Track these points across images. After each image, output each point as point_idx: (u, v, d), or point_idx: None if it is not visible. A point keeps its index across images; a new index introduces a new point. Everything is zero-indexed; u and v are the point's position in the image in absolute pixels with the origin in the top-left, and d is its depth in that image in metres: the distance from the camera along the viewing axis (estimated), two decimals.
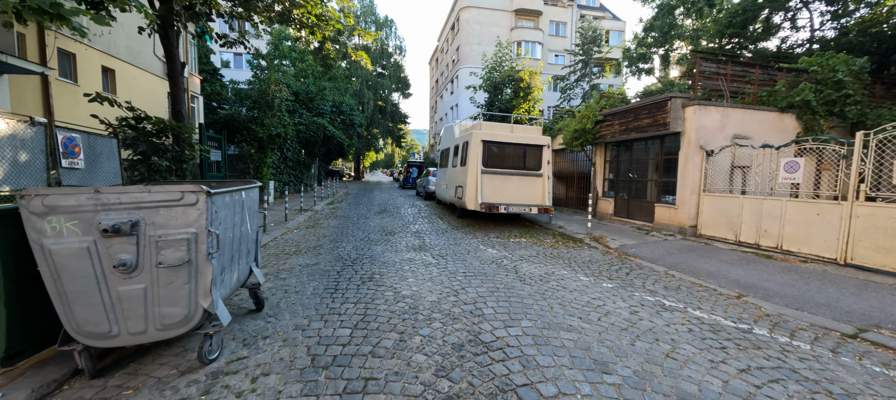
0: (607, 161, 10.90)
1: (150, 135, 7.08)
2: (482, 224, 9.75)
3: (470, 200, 9.09)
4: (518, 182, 9.38)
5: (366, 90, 35.39)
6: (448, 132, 12.65)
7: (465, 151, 9.65)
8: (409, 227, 9.10)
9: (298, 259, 5.75)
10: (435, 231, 8.56)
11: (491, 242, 7.43)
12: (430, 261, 5.81)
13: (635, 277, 5.33)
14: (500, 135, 9.30)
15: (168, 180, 7.19)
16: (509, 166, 9.37)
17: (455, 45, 38.55)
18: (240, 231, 3.23)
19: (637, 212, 9.76)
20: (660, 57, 28.49)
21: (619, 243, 7.54)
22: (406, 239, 7.53)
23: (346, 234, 8.00)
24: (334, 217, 10.63)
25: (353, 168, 45.87)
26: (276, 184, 14.00)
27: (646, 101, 8.61)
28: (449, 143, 12.12)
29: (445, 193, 11.95)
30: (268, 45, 23.85)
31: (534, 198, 9.47)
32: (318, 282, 4.64)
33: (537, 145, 9.49)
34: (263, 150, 12.54)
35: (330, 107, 18.62)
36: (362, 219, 10.32)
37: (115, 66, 13.23)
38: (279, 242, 7.02)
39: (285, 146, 14.69)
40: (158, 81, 15.87)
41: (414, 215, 11.37)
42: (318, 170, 25.01)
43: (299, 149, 16.95)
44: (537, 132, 9.85)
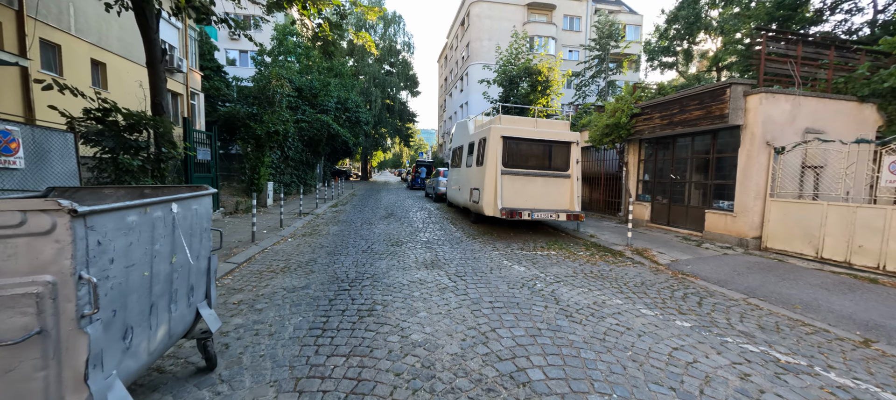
0: (642, 160, 9.65)
1: (121, 130, 6.10)
2: (501, 232, 8.60)
3: (488, 204, 7.96)
4: (543, 184, 8.21)
5: (373, 88, 34.47)
6: (461, 129, 11.52)
7: (481, 149, 8.51)
8: (419, 235, 8.00)
9: (284, 280, 4.69)
10: (448, 241, 7.44)
11: (515, 256, 6.28)
12: (445, 283, 4.70)
13: (711, 308, 4.14)
14: (522, 130, 8.14)
15: (141, 182, 6.21)
16: (533, 166, 8.20)
17: (465, 42, 37.40)
18: (169, 265, 2.16)
19: (680, 219, 8.50)
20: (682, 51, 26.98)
21: (670, 258, 6.32)
22: (415, 251, 6.43)
23: (346, 244, 6.93)
24: (336, 222, 9.60)
25: (361, 168, 45.06)
26: (276, 185, 13.05)
27: (696, 90, 7.36)
28: (462, 140, 11.00)
29: (458, 196, 10.83)
30: (272, 39, 23.04)
31: (561, 202, 8.28)
32: (303, 316, 3.56)
33: (565, 142, 8.31)
34: (261, 148, 11.58)
35: (335, 103, 17.66)
36: (367, 225, 9.26)
37: (106, 60, 12.44)
38: (267, 255, 5.98)
39: (286, 145, 13.73)
40: None
41: (423, 220, 10.28)
42: (324, 170, 24.11)
43: (302, 148, 16.00)
44: (564, 127, 8.66)
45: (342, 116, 18.00)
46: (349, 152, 26.30)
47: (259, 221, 9.11)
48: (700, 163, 8.10)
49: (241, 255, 5.79)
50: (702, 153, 8.02)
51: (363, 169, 43.07)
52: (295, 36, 23.44)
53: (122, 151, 6.06)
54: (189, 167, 7.75)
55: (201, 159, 8.42)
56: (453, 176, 12.08)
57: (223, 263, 5.28)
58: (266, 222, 8.95)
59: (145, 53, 7.32)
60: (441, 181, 15.63)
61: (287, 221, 9.34)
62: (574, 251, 6.82)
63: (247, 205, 10.74)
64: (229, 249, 6.16)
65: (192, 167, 7.83)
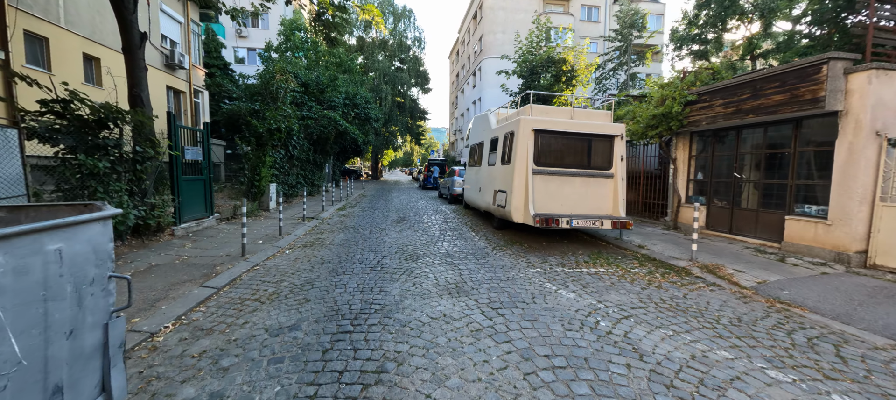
0: (693, 156, 8.31)
1: (84, 125, 5.15)
2: (530, 240, 7.41)
3: (517, 209, 6.77)
4: (582, 186, 6.99)
5: (383, 84, 33.51)
6: (480, 123, 10.34)
7: (508, 145, 7.33)
8: (437, 245, 6.88)
9: (269, 314, 3.62)
10: (472, 253, 6.30)
11: (557, 276, 5.10)
12: (477, 320, 3.56)
13: (863, 364, 2.89)
14: (557, 122, 6.93)
15: (113, 187, 5.25)
16: (570, 164, 6.98)
17: (477, 35, 36.11)
18: None
19: (747, 225, 7.15)
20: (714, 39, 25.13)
21: (753, 278, 5.04)
22: (435, 269, 5.30)
23: (352, 258, 5.85)
24: (342, 229, 8.55)
25: (371, 167, 44.25)
26: (280, 187, 12.10)
27: (777, 70, 6.02)
28: (482, 136, 9.82)
29: (479, 199, 9.66)
30: (279, 35, 22.22)
31: (603, 206, 7.04)
32: (283, 385, 2.47)
33: (606, 136, 7.06)
34: (262, 147, 10.63)
35: (343, 99, 16.67)
36: (377, 232, 8.18)
37: (100, 54, 11.69)
38: (256, 275, 4.94)
39: (290, 143, 12.78)
40: (157, 74, 14.35)
41: (440, 226, 9.15)
42: (333, 169, 23.25)
43: (308, 146, 15.06)
44: (606, 118, 7.40)
45: (351, 113, 17.02)
46: (359, 151, 25.38)
47: (256, 228, 8.13)
48: (775, 158, 6.74)
49: (223, 275, 4.77)
50: (778, 146, 6.65)
51: (374, 168, 42.25)
52: (302, 31, 22.59)
53: (87, 151, 5.11)
54: (175, 169, 6.80)
55: (191, 159, 7.48)
56: (471, 176, 10.92)
57: (199, 289, 4.25)
58: (263, 230, 7.96)
59: (121, 37, 6.37)
60: (456, 181, 14.49)
61: (288, 227, 8.34)
62: (626, 268, 5.59)
63: (249, 208, 9.79)
64: (212, 266, 5.15)
65: (179, 169, 6.89)
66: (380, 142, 35.20)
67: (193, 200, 7.56)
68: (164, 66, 14.78)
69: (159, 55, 14.48)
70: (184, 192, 7.15)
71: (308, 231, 8.24)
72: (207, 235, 7.21)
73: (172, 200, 6.83)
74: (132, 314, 3.53)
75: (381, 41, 36.95)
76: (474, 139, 10.84)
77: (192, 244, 6.40)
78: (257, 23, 30.58)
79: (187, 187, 7.31)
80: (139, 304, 3.77)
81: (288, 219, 9.56)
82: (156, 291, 4.11)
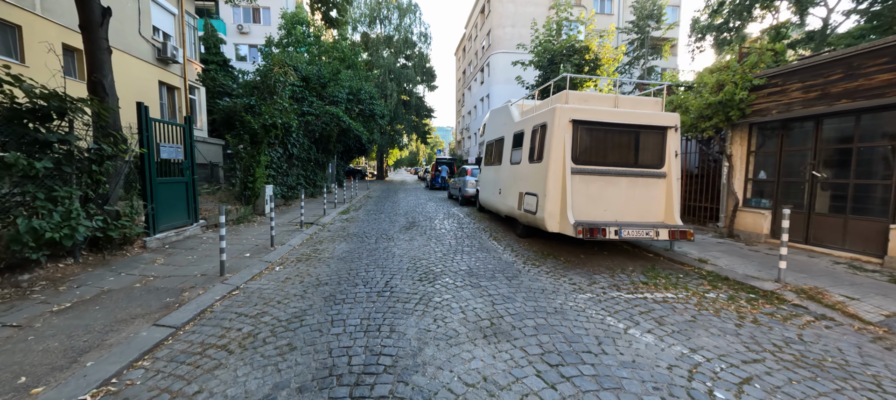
0: (752, 151, 7.10)
1: (18, 114, 4.13)
2: (564, 250, 6.27)
3: (552, 216, 5.64)
4: (629, 187, 5.84)
5: (389, 81, 32.46)
6: (499, 117, 9.21)
7: (539, 140, 6.19)
8: (456, 259, 5.77)
9: (232, 378, 2.54)
10: (500, 270, 5.18)
11: (617, 304, 3.97)
12: (533, 386, 2.45)
13: None
14: (599, 111, 5.78)
15: (59, 192, 4.23)
16: (615, 162, 5.84)
17: (485, 30, 34.92)
18: None
19: (831, 235, 5.93)
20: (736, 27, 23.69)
21: (875, 309, 3.86)
22: (458, 295, 4.20)
23: (354, 278, 4.77)
24: (345, 237, 7.48)
25: (376, 167, 43.28)
26: (277, 188, 11.08)
27: (886, 42, 4.82)
28: (501, 130, 8.69)
29: (498, 201, 8.54)
30: (280, 29, 21.25)
31: (654, 211, 5.89)
32: None
33: (658, 127, 5.91)
34: (257, 145, 9.61)
35: (346, 94, 15.63)
36: (383, 241, 7.10)
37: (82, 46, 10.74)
38: (231, 305, 3.87)
39: (289, 141, 11.75)
40: (147, 68, 13.42)
41: (455, 233, 8.04)
42: (337, 169, 22.26)
43: (309, 145, 14.04)
44: (655, 106, 6.23)
45: (355, 109, 15.97)
46: (364, 150, 24.38)
47: (246, 237, 7.09)
48: (871, 154, 5.53)
49: (189, 305, 3.70)
50: (875, 139, 5.45)
51: (379, 168, 41.25)
52: (304, 25, 21.59)
53: (24, 147, 4.09)
54: (148, 170, 5.77)
55: (170, 158, 6.45)
56: (489, 176, 9.79)
57: (150, 329, 3.19)
58: (253, 239, 6.91)
59: (78, 12, 5.35)
60: (469, 181, 13.37)
61: (282, 235, 7.29)
62: (698, 291, 4.44)
63: (242, 213, 8.78)
64: (179, 292, 4.10)
65: (152, 170, 5.85)
66: (385, 141, 34.19)
67: (172, 205, 6.53)
68: (156, 59, 13.85)
69: (150, 48, 13.54)
70: (159, 196, 6.12)
71: (305, 240, 7.18)
72: (187, 246, 6.17)
73: (144, 207, 5.80)
74: (39, 377, 2.47)
75: (385, 37, 35.93)
76: (491, 135, 9.71)
77: (165, 259, 5.36)
78: (259, 18, 29.72)
79: (164, 191, 6.28)
80: (56, 358, 2.71)
81: (284, 225, 8.52)
82: (90, 335, 3.06)
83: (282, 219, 9.38)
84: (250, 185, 9.24)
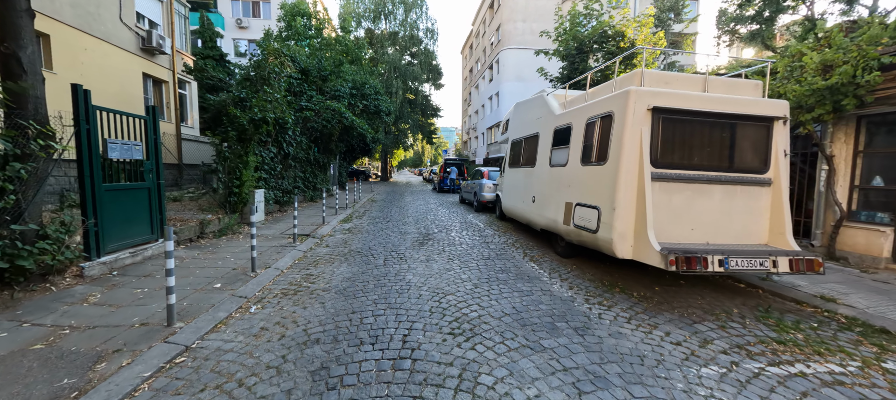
0: (860, 151, 5.61)
1: None
2: (629, 278, 4.83)
3: (623, 237, 4.20)
4: (724, 198, 4.39)
5: (394, 79, 31.11)
6: (529, 110, 7.78)
7: (598, 136, 4.76)
8: (493, 294, 4.34)
9: None
10: (561, 314, 3.74)
11: (765, 384, 2.52)
12: None
13: None
14: (686, 96, 4.33)
15: None
16: (705, 165, 4.39)
17: (495, 26, 33.50)
18: None
19: None
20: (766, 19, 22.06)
21: None
22: (517, 366, 2.76)
23: (357, 333, 3.34)
24: (345, 256, 6.07)
25: (381, 168, 41.94)
26: (270, 193, 9.69)
27: None
28: (534, 126, 7.26)
29: (531, 212, 7.10)
30: (279, 20, 19.92)
31: (757, 231, 4.44)
32: None
33: (762, 118, 4.46)
34: (245, 143, 8.24)
35: (350, 88, 14.25)
36: (394, 262, 5.67)
37: (50, 30, 9.42)
38: (166, 389, 2.46)
39: (284, 139, 10.38)
40: (129, 58, 12.09)
41: (480, 250, 6.61)
42: (339, 171, 20.92)
43: (308, 143, 12.67)
44: (754, 91, 4.76)
45: (358, 105, 14.58)
46: (368, 150, 23.01)
47: (224, 255, 5.69)
48: None
49: (95, 394, 2.30)
50: None
51: (383, 169, 39.90)
52: (305, 17, 20.24)
53: None
54: (89, 173, 4.39)
55: (125, 158, 5.07)
56: (515, 180, 8.35)
57: None
58: (231, 260, 5.51)
59: None
60: (485, 185, 11.94)
61: (269, 253, 5.89)
62: (860, 355, 2.98)
63: (226, 223, 7.41)
64: (94, 360, 2.70)
65: (96, 173, 4.48)
66: (389, 140, 32.85)
67: (127, 218, 5.15)
68: (140, 49, 12.52)
69: (133, 36, 12.22)
70: (108, 208, 4.74)
71: (297, 261, 5.77)
72: (142, 272, 4.78)
73: (83, 222, 4.42)
74: None
75: (390, 33, 34.58)
76: (518, 132, 8.27)
77: (104, 295, 3.97)
78: (258, 12, 28.46)
79: (115, 201, 4.90)
80: None
81: (274, 237, 7.13)
82: None
83: (273, 229, 8.00)
84: (236, 189, 7.86)
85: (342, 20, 23.88)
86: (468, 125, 47.08)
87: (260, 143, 9.66)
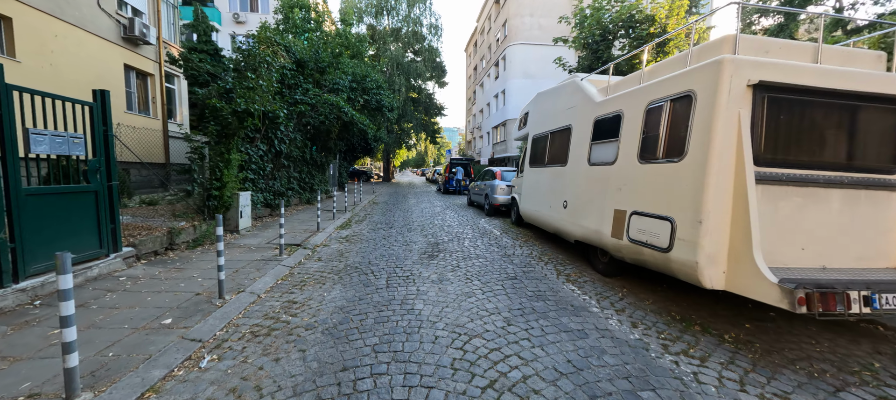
0: None
1: None
2: (703, 308, 3.71)
3: (714, 260, 3.09)
4: (843, 206, 3.27)
5: (396, 76, 30.04)
6: (555, 100, 6.68)
7: (668, 123, 3.65)
8: (534, 336, 3.23)
9: None
10: (636, 372, 2.64)
11: None
12: None
13: None
14: (800, 69, 3.20)
15: None
16: (819, 162, 3.26)
17: (501, 21, 32.41)
18: None
19: None
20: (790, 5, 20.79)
21: None
22: None
23: None
24: (339, 275, 4.97)
25: (383, 168, 40.87)
26: (259, 196, 8.62)
27: None
28: (564, 118, 6.16)
29: (561, 219, 5.98)
30: (276, 12, 18.87)
31: (888, 252, 3.29)
32: None
33: (889, 98, 3.31)
34: (228, 138, 7.18)
35: (349, 81, 13.18)
36: (399, 283, 4.57)
37: (11, 13, 8.40)
38: None
39: (275, 134, 9.32)
40: (108, 48, 11.06)
41: (503, 267, 5.50)
42: (339, 171, 19.86)
43: (304, 141, 11.62)
44: (876, 62, 3.63)
45: (359, 99, 13.51)
46: (369, 149, 21.97)
47: (191, 272, 4.58)
48: None
49: None
50: None
51: (385, 169, 38.84)
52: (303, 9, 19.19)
53: None
54: (4, 174, 3.33)
55: (58, 154, 4.01)
56: (538, 181, 7.25)
57: None
58: (200, 279, 4.41)
59: None
60: (498, 187, 10.84)
61: (248, 270, 4.80)
62: None
63: (202, 232, 6.35)
64: None
65: (13, 174, 3.42)
66: (392, 140, 31.78)
67: (66, 230, 4.08)
68: (122, 38, 11.51)
69: (114, 24, 11.20)
70: (31, 218, 3.67)
71: (279, 280, 4.68)
72: (77, 300, 3.69)
73: None
74: None
75: (393, 30, 33.51)
76: (542, 125, 7.16)
77: (5, 340, 2.90)
78: (256, 6, 27.43)
79: (46, 208, 3.84)
80: None
81: (259, 248, 6.05)
82: None
83: (259, 238, 6.93)
84: (216, 192, 6.79)
85: (343, 15, 22.85)
86: (472, 125, 46.00)
87: (248, 139, 8.60)
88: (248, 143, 8.50)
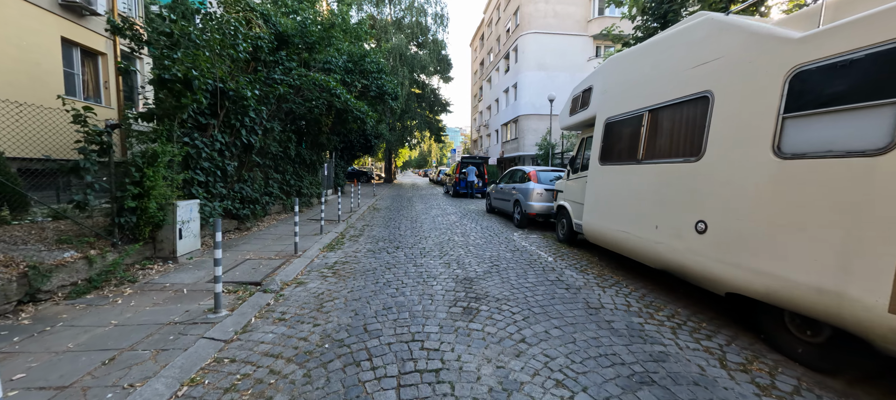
0: None
1: None
2: None
3: None
4: None
5: (400, 67, 27.69)
6: (663, 56, 4.30)
7: None
8: None
9: None
10: None
11: None
12: None
13: None
14: None
15: None
16: None
17: (512, 10, 30.05)
18: None
19: None
20: None
21: None
22: None
23: None
24: (305, 366, 2.57)
25: (384, 168, 38.46)
26: (214, 206, 6.23)
27: None
28: (694, 82, 3.77)
29: (689, 253, 3.58)
30: None
31: None
32: None
33: None
34: (164, 119, 4.80)
35: (344, 61, 10.81)
36: (428, 394, 2.19)
37: None
38: None
39: (242, 122, 6.95)
40: (39, 15, 8.68)
41: (592, 328, 3.10)
42: (336, 171, 17.48)
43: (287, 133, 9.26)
44: None
45: (356, 84, 11.14)
46: (370, 147, 19.60)
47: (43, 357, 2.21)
48: None
49: None
50: None
51: (387, 169, 36.46)
52: None
53: None
54: None
55: None
56: (620, 185, 4.85)
57: None
58: (52, 375, 2.03)
59: None
60: (534, 191, 8.45)
61: (139, 352, 2.40)
62: None
63: (108, 264, 4.00)
64: None
65: None
66: (394, 137, 29.45)
67: None
68: (59, 6, 9.17)
69: None
70: None
71: (187, 384, 2.27)
72: None
73: None
74: None
75: (395, 20, 31.17)
76: (630, 100, 4.77)
77: None
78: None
79: None
80: None
81: (188, 295, 3.63)
82: None
83: (201, 272, 4.55)
84: (131, 204, 4.41)
85: (340, 2, 20.60)
86: (478, 122, 43.59)
87: (198, 127, 6.22)
88: (199, 131, 6.12)
